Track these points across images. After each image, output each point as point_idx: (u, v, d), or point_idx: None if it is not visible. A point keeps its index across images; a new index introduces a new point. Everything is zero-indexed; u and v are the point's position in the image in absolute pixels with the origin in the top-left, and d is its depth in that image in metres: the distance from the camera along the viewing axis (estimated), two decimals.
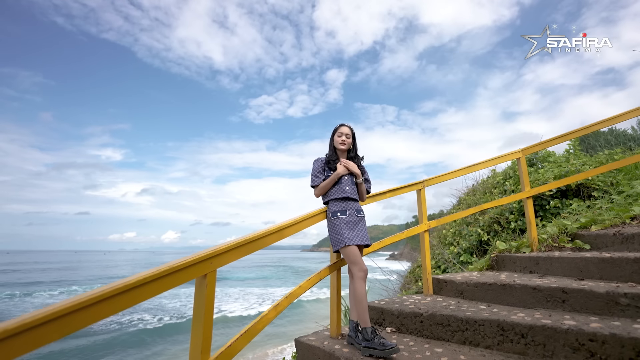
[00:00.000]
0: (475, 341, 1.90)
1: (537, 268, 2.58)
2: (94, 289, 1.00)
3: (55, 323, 0.88)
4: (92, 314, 0.96)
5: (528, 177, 3.14)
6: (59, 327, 0.89)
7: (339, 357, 1.95)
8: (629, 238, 2.34)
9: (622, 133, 14.66)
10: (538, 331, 1.62)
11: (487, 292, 2.39)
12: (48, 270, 47.45)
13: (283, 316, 13.85)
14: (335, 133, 2.39)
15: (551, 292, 1.94)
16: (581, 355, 1.46)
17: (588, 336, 1.44)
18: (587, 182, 4.37)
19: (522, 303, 2.11)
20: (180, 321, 15.02)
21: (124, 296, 1.04)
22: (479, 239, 5.01)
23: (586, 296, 1.76)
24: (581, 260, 2.20)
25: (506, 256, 2.97)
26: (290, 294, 1.90)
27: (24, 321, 0.82)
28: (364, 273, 2.06)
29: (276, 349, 10.49)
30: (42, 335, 0.86)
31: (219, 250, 1.40)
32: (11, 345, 0.79)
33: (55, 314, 0.88)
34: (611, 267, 2.00)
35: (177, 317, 15.74)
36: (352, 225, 2.21)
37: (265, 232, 1.73)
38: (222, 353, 1.37)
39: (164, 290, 1.17)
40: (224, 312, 16.97)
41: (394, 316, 2.43)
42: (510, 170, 5.87)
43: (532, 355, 1.64)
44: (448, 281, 2.78)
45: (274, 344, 11.10)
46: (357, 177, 2.32)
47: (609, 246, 2.50)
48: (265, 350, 10.49)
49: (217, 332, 12.18)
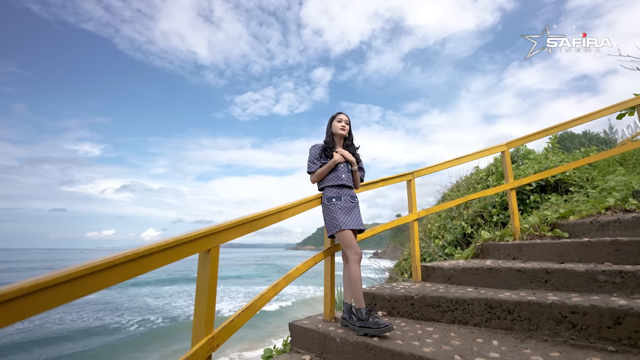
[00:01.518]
0: (464, 320, 2.00)
1: (520, 254, 2.71)
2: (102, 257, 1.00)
3: (68, 285, 0.89)
4: (102, 279, 0.97)
5: (512, 169, 3.28)
6: (71, 289, 0.89)
7: (334, 338, 1.99)
8: (604, 225, 2.50)
9: (595, 136, 15.46)
10: (524, 307, 1.72)
11: (474, 277, 2.50)
12: (19, 270, 45.22)
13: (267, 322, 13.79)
14: (334, 119, 2.43)
15: (535, 273, 2.06)
16: (563, 327, 1.57)
17: (570, 309, 1.55)
18: (565, 177, 4.61)
19: (507, 285, 2.22)
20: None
21: (133, 264, 1.04)
22: (463, 231, 5.18)
23: (567, 275, 1.88)
24: (561, 245, 2.34)
25: (490, 244, 3.10)
26: (288, 275, 1.94)
27: (38, 281, 0.82)
28: (358, 256, 2.11)
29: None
30: (55, 296, 0.86)
31: (222, 226, 1.42)
32: (27, 302, 0.79)
33: (68, 276, 0.88)
34: (589, 250, 2.14)
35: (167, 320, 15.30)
36: (347, 210, 2.26)
37: (265, 213, 1.76)
38: (225, 327, 1.39)
39: (170, 261, 1.18)
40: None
41: (385, 300, 2.50)
42: (493, 167, 6.09)
43: (518, 329, 1.74)
44: (436, 268, 2.88)
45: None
46: (352, 165, 2.38)
47: (586, 233, 2.66)
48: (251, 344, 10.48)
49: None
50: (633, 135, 8.90)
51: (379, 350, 1.74)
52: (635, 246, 1.89)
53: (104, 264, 0.96)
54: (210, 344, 1.28)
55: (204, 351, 1.24)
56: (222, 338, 1.34)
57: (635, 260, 1.87)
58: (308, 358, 2.09)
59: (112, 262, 0.99)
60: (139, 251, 1.06)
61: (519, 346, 1.59)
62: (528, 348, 1.55)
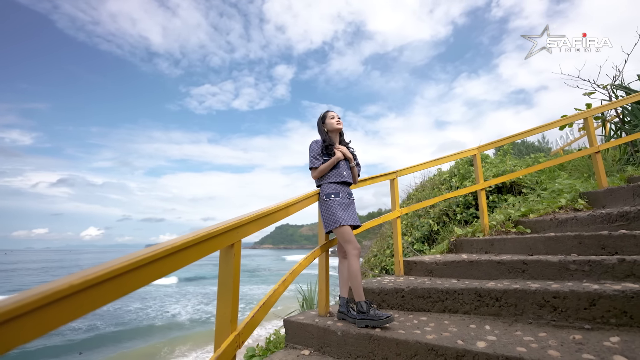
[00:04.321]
0: (454, 309, 2.16)
1: (492, 248, 2.98)
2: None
3: (114, 282, 0.81)
4: (145, 275, 0.90)
5: (482, 171, 3.58)
6: (116, 287, 0.82)
7: (335, 331, 2.03)
8: (563, 222, 2.86)
9: (531, 145, 17.41)
10: (511, 294, 1.91)
11: (455, 269, 2.69)
12: None
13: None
14: (326, 117, 2.46)
15: (513, 264, 2.29)
16: (546, 310, 1.78)
17: (552, 294, 1.76)
18: (519, 180, 5.14)
19: (488, 276, 2.44)
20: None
21: (171, 258, 0.98)
22: (430, 229, 5.53)
23: (542, 265, 2.12)
24: (530, 240, 2.63)
25: (464, 240, 3.36)
26: (294, 271, 1.94)
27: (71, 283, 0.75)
28: (357, 251, 2.17)
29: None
30: (104, 293, 0.78)
31: (244, 220, 1.38)
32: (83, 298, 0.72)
33: (113, 272, 0.81)
34: (555, 243, 2.43)
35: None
36: (345, 206, 2.30)
37: (275, 209, 1.74)
38: (248, 323, 1.35)
39: (201, 256, 1.13)
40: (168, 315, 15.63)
41: (374, 294, 2.59)
42: (455, 169, 6.57)
43: (505, 315, 1.93)
44: (417, 262, 3.05)
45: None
46: (351, 162, 2.43)
47: (546, 229, 3.01)
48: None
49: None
50: (564, 146, 10.25)
51: (383, 340, 1.81)
52: (595, 239, 2.19)
53: (147, 258, 0.89)
54: (237, 340, 1.24)
55: (232, 348, 1.20)
56: (245, 335, 1.31)
57: (595, 251, 2.18)
58: (307, 353, 2.10)
59: (153, 256, 0.92)
60: (177, 245, 1.00)
61: (508, 329, 1.77)
62: (518, 330, 1.72)
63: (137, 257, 0.87)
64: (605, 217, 2.50)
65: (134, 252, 0.91)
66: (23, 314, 0.61)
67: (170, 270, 0.99)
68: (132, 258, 0.86)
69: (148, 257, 0.90)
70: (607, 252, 2.12)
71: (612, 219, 2.45)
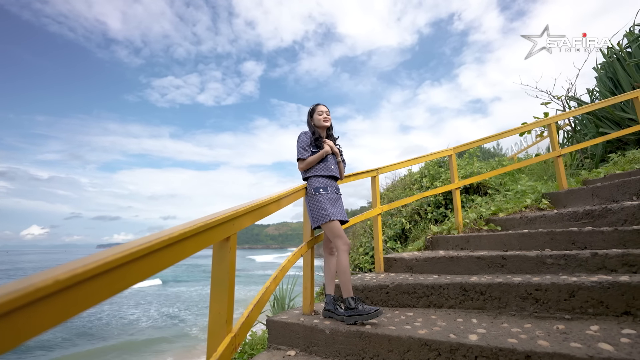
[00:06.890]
0: (440, 303, 2.18)
1: (467, 245, 3.09)
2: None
3: (105, 277, 0.68)
4: (140, 269, 0.77)
5: (457, 171, 3.70)
6: (107, 283, 0.68)
7: (323, 330, 1.96)
8: (532, 220, 3.03)
9: (487, 151, 18.72)
10: (495, 287, 1.97)
11: (436, 265, 2.75)
12: None
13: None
14: (314, 112, 2.39)
15: (492, 259, 2.38)
16: (528, 303, 1.85)
17: (535, 287, 1.83)
18: (484, 182, 5.42)
19: (468, 271, 2.51)
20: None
21: (169, 250, 0.86)
22: (402, 227, 5.65)
23: (521, 260, 2.22)
24: (505, 236, 2.75)
25: (440, 237, 3.46)
26: (283, 267, 1.84)
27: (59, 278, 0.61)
28: (347, 246, 2.12)
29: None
30: (95, 290, 0.65)
31: (240, 211, 1.26)
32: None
33: (105, 266, 0.67)
34: (529, 239, 2.56)
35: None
36: (334, 201, 2.25)
37: (267, 201, 1.63)
38: (243, 323, 1.23)
39: (198, 249, 1.00)
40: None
41: (358, 291, 2.56)
42: (425, 170, 6.79)
43: (490, 308, 1.98)
44: (397, 259, 3.08)
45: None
46: (337, 157, 2.38)
47: (516, 227, 3.18)
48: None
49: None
50: (518, 151, 11.12)
51: (374, 337, 1.78)
52: (566, 235, 2.34)
53: (140, 251, 0.76)
54: (233, 343, 1.12)
55: (229, 352, 1.08)
56: (242, 336, 1.19)
57: (566, 246, 2.32)
58: (293, 353, 2.01)
59: (148, 248, 0.79)
60: (174, 235, 0.87)
61: (494, 322, 1.81)
62: (504, 323, 1.77)
63: (131, 249, 0.74)
64: (572, 215, 2.69)
65: (123, 244, 0.77)
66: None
67: (167, 264, 0.86)
68: (125, 250, 0.73)
69: (143, 249, 0.77)
70: (577, 247, 2.27)
71: (579, 217, 2.64)
